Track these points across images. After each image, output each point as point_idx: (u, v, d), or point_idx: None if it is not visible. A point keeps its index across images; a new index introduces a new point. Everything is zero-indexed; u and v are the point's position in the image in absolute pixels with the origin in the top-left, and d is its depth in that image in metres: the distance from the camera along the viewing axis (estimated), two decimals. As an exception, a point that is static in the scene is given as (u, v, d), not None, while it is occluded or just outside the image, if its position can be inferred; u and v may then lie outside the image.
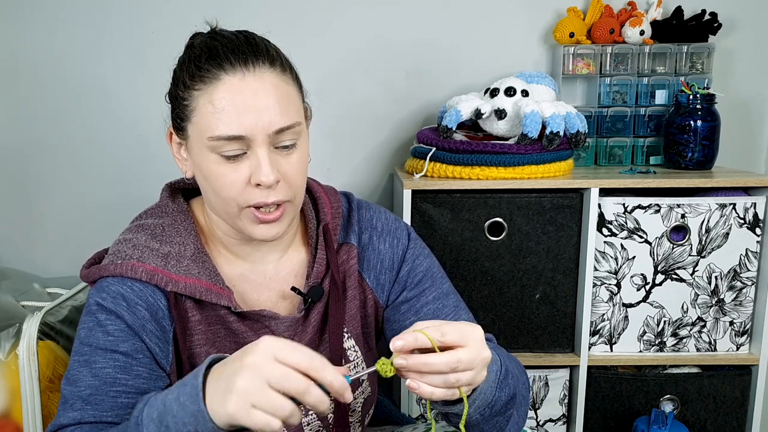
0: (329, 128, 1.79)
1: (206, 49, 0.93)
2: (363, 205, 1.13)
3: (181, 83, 0.95)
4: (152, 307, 0.96)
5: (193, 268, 0.98)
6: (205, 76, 0.92)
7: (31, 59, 1.74)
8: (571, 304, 1.60)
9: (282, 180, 0.94)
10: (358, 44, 1.77)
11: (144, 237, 1.00)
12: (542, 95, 1.59)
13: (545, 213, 1.54)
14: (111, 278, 0.97)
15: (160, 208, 1.05)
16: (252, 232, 0.97)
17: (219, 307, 0.99)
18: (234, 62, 0.91)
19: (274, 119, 0.91)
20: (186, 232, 1.01)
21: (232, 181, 0.93)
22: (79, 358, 0.95)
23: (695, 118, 1.63)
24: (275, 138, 0.92)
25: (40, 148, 1.77)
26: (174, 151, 1.02)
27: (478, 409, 0.87)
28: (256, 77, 0.92)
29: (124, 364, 0.93)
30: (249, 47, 0.93)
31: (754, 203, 1.54)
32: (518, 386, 0.95)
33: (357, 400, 1.08)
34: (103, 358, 0.93)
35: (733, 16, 1.77)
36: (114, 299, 0.95)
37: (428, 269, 1.12)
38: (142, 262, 0.97)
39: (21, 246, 1.81)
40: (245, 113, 0.90)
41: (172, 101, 0.99)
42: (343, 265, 1.07)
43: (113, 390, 0.92)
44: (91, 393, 0.92)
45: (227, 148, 0.92)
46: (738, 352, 1.62)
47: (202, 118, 0.92)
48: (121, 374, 0.93)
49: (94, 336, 0.95)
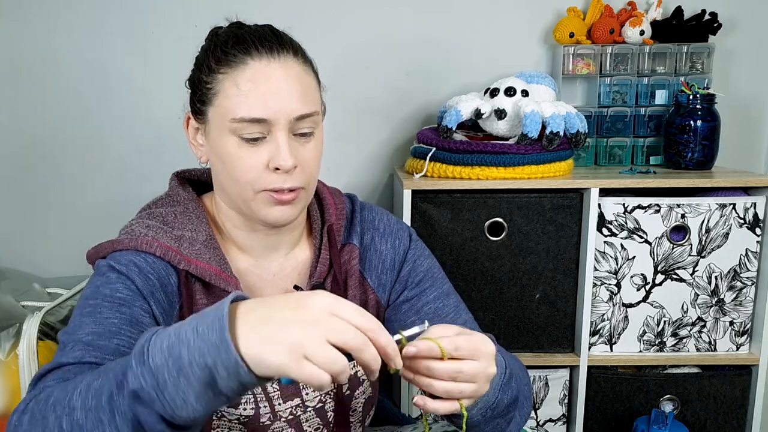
0: (329, 128, 1.77)
1: (233, 36, 0.96)
2: (366, 206, 1.15)
3: (205, 67, 0.97)
4: (163, 280, 0.96)
5: (204, 252, 0.99)
6: (231, 60, 0.94)
7: (31, 59, 1.73)
8: (571, 304, 1.60)
9: (299, 167, 0.96)
10: (358, 44, 1.77)
11: (156, 222, 1.01)
12: (542, 95, 1.59)
13: (545, 213, 1.54)
14: (125, 251, 0.96)
15: (170, 197, 1.06)
16: (267, 214, 0.97)
17: (225, 294, 0.99)
18: (261, 49, 0.94)
19: (297, 106, 0.94)
20: (198, 219, 1.02)
21: (250, 165, 0.95)
22: (82, 311, 0.91)
23: (695, 118, 1.63)
24: (295, 124, 0.95)
25: (41, 148, 1.77)
26: (190, 137, 1.04)
27: (480, 410, 0.87)
28: (281, 64, 0.95)
29: (130, 318, 0.90)
30: (274, 37, 0.96)
31: (754, 203, 1.54)
32: (521, 388, 0.96)
33: (358, 400, 1.09)
34: (109, 309, 0.91)
35: (733, 16, 1.77)
36: (126, 265, 0.94)
37: (429, 269, 1.13)
38: (156, 239, 0.97)
39: (21, 246, 1.81)
40: (269, 97, 0.93)
41: (193, 86, 1.01)
42: (345, 265, 1.08)
43: (117, 338, 0.88)
44: (93, 338, 0.87)
45: (248, 131, 0.93)
46: (738, 352, 1.62)
47: (225, 100, 0.94)
48: (126, 326, 0.90)
49: (101, 291, 0.92)
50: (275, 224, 0.99)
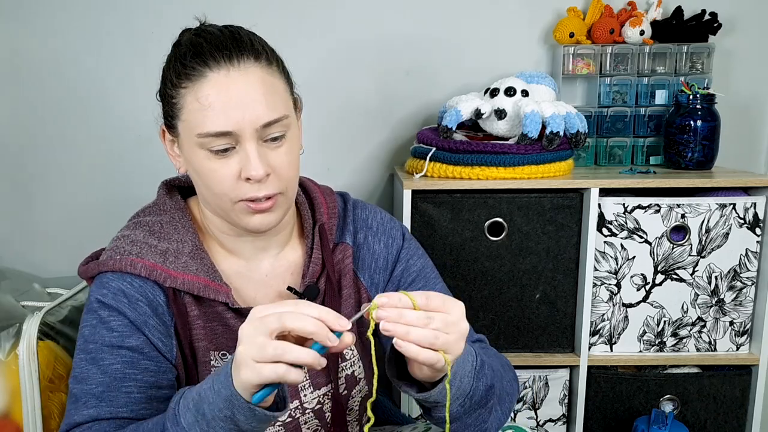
0: (329, 128, 1.79)
1: (191, 47, 0.94)
2: (359, 204, 1.14)
3: (168, 81, 0.96)
4: (152, 302, 0.97)
5: (191, 264, 0.99)
6: (190, 73, 0.93)
7: (30, 59, 1.73)
8: (571, 304, 1.59)
9: (272, 173, 0.95)
10: (358, 44, 1.77)
11: (142, 234, 1.01)
12: (542, 95, 1.59)
13: (545, 213, 1.54)
14: (110, 274, 0.98)
15: (157, 206, 1.06)
16: (247, 223, 0.97)
17: (217, 303, 1.00)
18: (218, 58, 0.92)
19: (261, 113, 0.92)
20: (184, 229, 1.02)
21: (222, 176, 0.94)
22: (85, 356, 0.95)
23: (695, 118, 1.63)
24: (263, 131, 0.93)
25: (40, 148, 1.77)
26: (167, 148, 1.03)
27: (457, 400, 0.88)
28: (241, 72, 0.92)
29: (131, 359, 0.94)
30: (233, 43, 0.93)
31: (754, 203, 1.54)
32: (496, 378, 0.95)
33: (355, 399, 1.09)
34: (110, 354, 0.94)
35: (733, 16, 1.77)
36: (115, 296, 0.96)
37: (422, 269, 1.13)
38: (141, 258, 0.97)
39: (21, 246, 1.81)
40: (232, 109, 0.91)
41: (162, 99, 1.00)
42: (338, 264, 1.08)
43: (124, 386, 0.93)
44: (103, 390, 0.92)
45: (216, 144, 0.92)
46: (738, 352, 1.62)
47: (190, 115, 0.93)
48: (130, 369, 0.94)
49: (98, 333, 0.95)
50: (257, 231, 0.99)
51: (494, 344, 1.17)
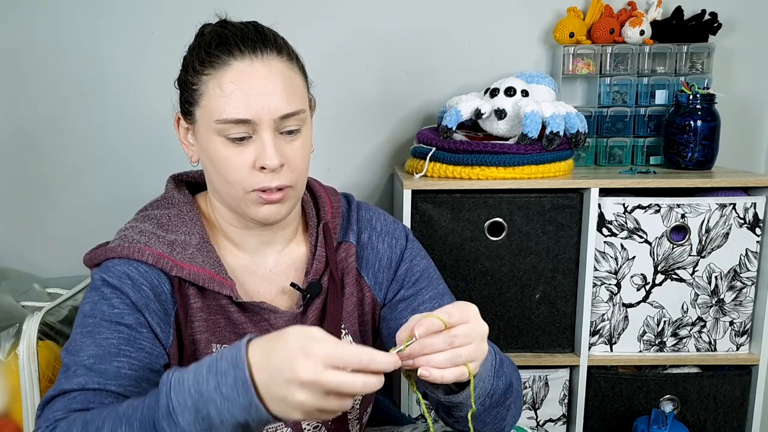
0: (329, 128, 1.79)
1: (216, 36, 0.97)
2: (362, 206, 1.16)
3: (191, 68, 0.98)
4: (156, 289, 0.97)
5: (197, 256, 1.00)
6: (214, 61, 0.95)
7: (30, 60, 1.73)
8: (571, 304, 1.60)
9: (286, 165, 0.96)
10: (358, 44, 1.77)
11: (150, 225, 1.02)
12: (542, 95, 1.59)
13: (545, 213, 1.54)
14: (117, 259, 0.98)
15: (166, 200, 1.07)
16: (256, 214, 0.99)
17: (220, 296, 1.01)
18: (243, 49, 0.95)
19: (280, 104, 0.94)
20: (191, 222, 1.03)
21: (237, 165, 0.96)
22: (82, 330, 0.95)
23: (695, 118, 1.63)
24: (280, 123, 0.95)
25: (41, 148, 1.77)
26: (181, 136, 1.05)
27: (478, 398, 0.88)
28: (264, 63, 0.95)
29: (128, 336, 0.94)
30: (258, 35, 0.97)
31: (754, 203, 1.54)
32: (514, 376, 0.97)
33: (355, 398, 1.09)
34: (108, 329, 0.94)
35: (733, 16, 1.77)
36: (119, 278, 0.96)
37: (425, 270, 1.14)
38: (148, 246, 0.98)
39: (21, 246, 1.81)
40: (253, 97, 0.93)
41: (181, 87, 1.02)
42: (341, 262, 1.09)
43: (117, 360, 0.92)
44: (94, 362, 0.91)
45: (233, 131, 0.94)
46: (738, 352, 1.62)
47: (210, 101, 0.95)
48: (125, 345, 0.93)
49: (98, 308, 0.95)
50: (265, 222, 1.01)
51: (494, 344, 1.17)
